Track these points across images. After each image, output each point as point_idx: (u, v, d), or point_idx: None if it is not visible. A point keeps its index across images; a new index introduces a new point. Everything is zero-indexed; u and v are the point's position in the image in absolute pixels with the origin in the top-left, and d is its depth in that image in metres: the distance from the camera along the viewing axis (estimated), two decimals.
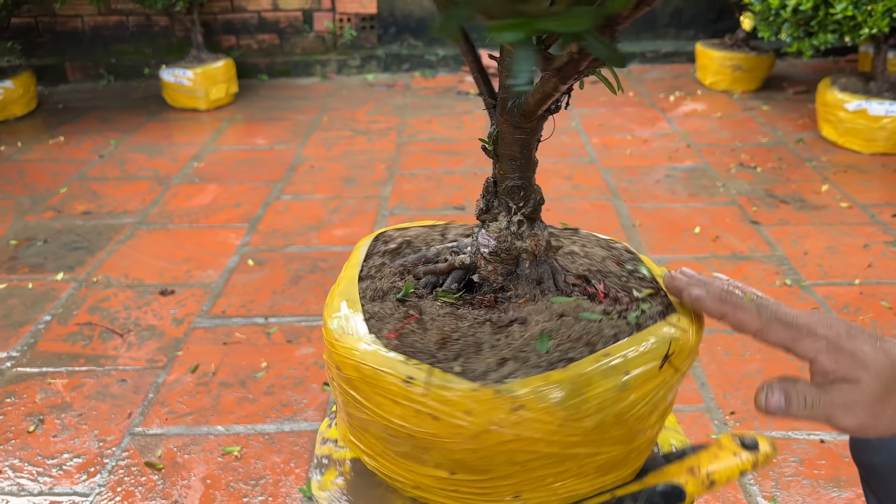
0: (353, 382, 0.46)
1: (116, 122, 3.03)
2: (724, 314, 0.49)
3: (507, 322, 0.48)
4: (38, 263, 1.90)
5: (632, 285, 0.52)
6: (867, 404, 0.47)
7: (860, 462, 0.65)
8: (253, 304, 1.70)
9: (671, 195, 2.20)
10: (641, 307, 0.49)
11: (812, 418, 0.48)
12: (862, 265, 1.79)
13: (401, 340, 0.46)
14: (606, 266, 0.55)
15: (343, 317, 0.48)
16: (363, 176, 2.42)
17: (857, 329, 0.49)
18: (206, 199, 2.27)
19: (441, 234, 0.61)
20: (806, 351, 0.48)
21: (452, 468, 0.45)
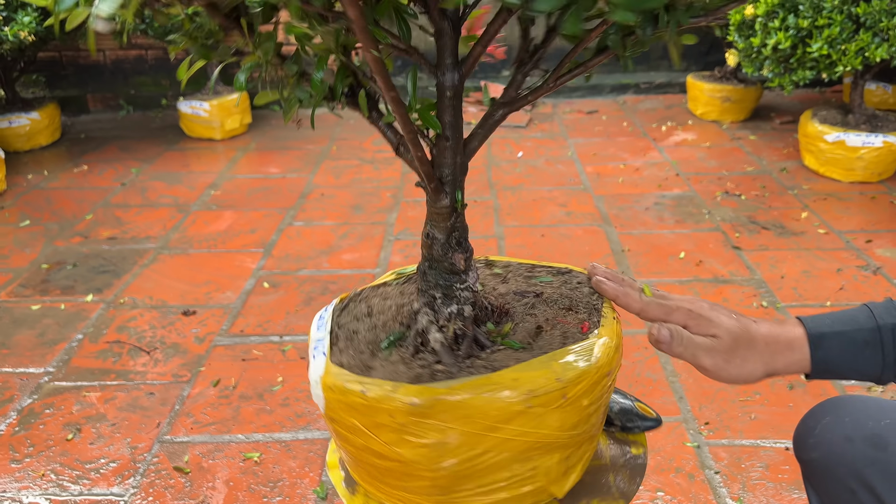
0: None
1: (136, 151, 3.20)
2: (616, 296, 0.69)
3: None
4: (69, 286, 2.05)
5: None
6: (721, 352, 0.66)
7: (800, 459, 0.79)
8: (269, 323, 1.84)
9: (659, 222, 2.35)
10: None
11: (683, 355, 0.66)
12: (834, 288, 1.92)
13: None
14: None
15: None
16: (370, 203, 2.57)
17: (719, 306, 0.69)
18: (224, 226, 2.42)
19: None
20: (676, 321, 0.67)
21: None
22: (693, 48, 3.83)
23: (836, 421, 0.72)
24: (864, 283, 1.94)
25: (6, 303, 1.97)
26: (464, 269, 0.64)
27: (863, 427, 0.70)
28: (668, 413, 1.48)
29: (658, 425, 0.79)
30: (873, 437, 0.68)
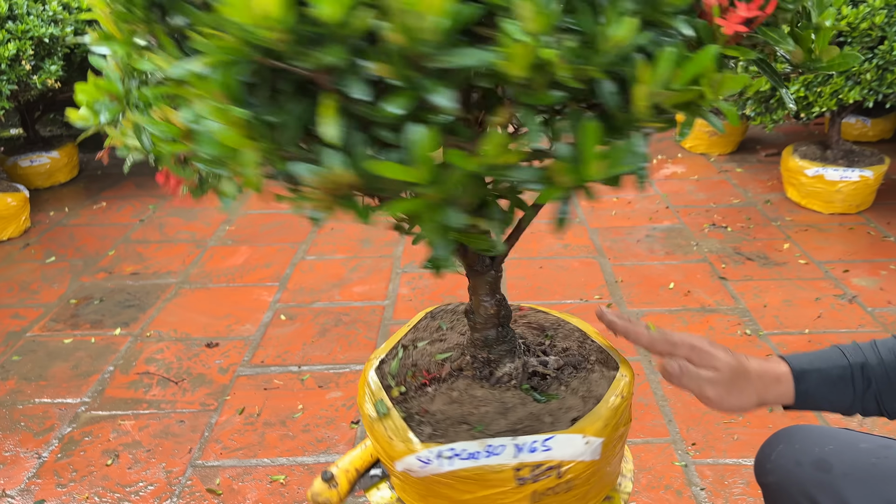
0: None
1: (151, 188, 3.35)
2: (627, 332, 0.82)
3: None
4: (98, 320, 2.19)
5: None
6: (722, 384, 0.79)
7: (760, 482, 0.93)
8: (287, 354, 1.97)
9: (650, 253, 2.49)
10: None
11: (690, 387, 0.79)
12: (812, 316, 2.07)
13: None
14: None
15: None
16: (377, 237, 2.72)
17: (718, 344, 0.82)
18: (240, 260, 2.57)
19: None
20: (681, 354, 0.81)
21: None
22: None
23: (788, 448, 0.86)
24: (841, 312, 2.09)
25: (40, 337, 2.10)
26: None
27: (810, 453, 0.83)
28: (658, 435, 1.61)
29: None
30: (819, 461, 0.82)
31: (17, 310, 2.26)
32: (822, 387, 0.84)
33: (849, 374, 0.84)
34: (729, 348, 0.83)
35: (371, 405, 0.80)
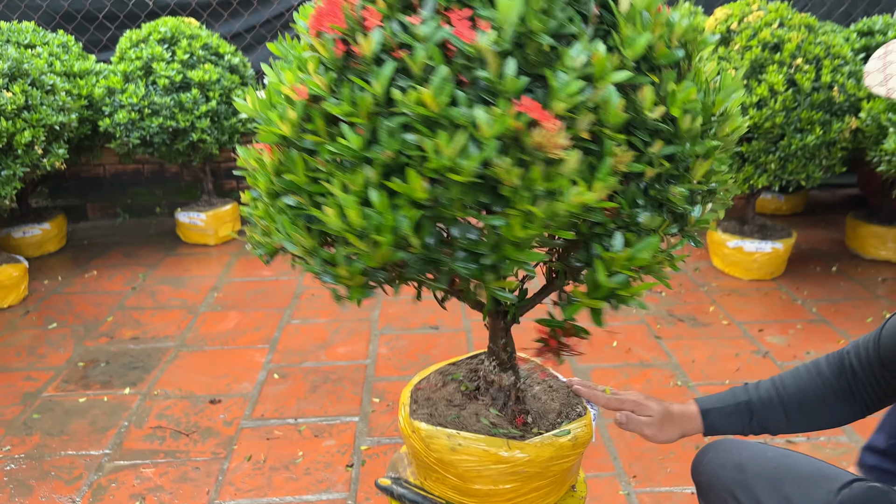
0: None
1: (139, 256, 3.59)
2: (589, 396, 1.22)
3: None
4: (107, 381, 2.42)
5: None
6: (655, 425, 1.18)
7: (695, 480, 1.28)
8: (284, 408, 2.24)
9: (611, 314, 2.86)
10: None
11: (634, 429, 1.19)
12: (732, 369, 2.44)
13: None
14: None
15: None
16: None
17: (651, 397, 1.21)
18: (231, 325, 2.83)
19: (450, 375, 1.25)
20: (627, 408, 1.20)
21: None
22: None
23: (714, 455, 1.20)
24: (756, 366, 2.47)
25: (55, 397, 2.32)
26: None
27: (730, 459, 1.17)
28: (604, 470, 1.94)
29: None
30: (737, 465, 1.16)
31: (28, 372, 2.47)
32: (721, 419, 1.21)
33: (738, 410, 1.21)
34: (659, 399, 1.23)
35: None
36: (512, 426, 1.20)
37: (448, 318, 2.86)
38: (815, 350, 2.57)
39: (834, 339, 2.65)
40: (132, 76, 3.33)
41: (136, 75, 3.33)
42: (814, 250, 3.59)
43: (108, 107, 3.35)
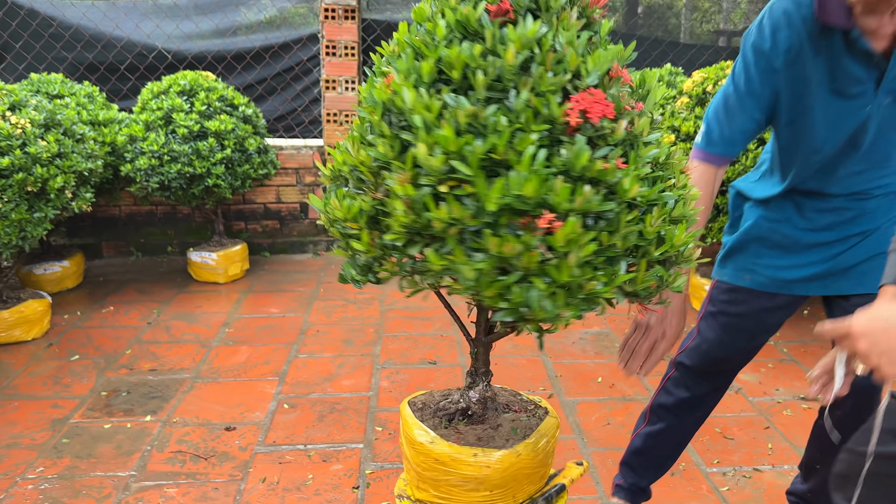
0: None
1: (153, 293, 3.80)
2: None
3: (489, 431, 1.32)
4: (129, 409, 2.61)
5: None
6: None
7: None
8: (293, 435, 2.44)
9: (583, 353, 3.08)
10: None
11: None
12: None
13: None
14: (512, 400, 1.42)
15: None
16: (358, 338, 3.23)
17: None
18: (242, 358, 3.03)
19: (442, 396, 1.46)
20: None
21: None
22: None
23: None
24: (728, 400, 2.68)
25: (82, 423, 2.51)
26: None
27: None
28: (587, 492, 2.13)
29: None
30: None
31: (55, 400, 2.66)
32: None
33: None
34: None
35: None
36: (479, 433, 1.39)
37: (445, 354, 3.07)
38: (784, 387, 2.78)
39: (801, 376, 2.87)
40: (153, 125, 3.59)
41: (157, 124, 3.58)
42: None
43: (129, 153, 3.59)
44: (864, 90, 1.33)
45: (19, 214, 2.84)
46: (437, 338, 3.24)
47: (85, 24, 4.14)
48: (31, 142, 2.87)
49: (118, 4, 4.20)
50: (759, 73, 1.36)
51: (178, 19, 4.27)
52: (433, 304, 3.62)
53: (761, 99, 1.39)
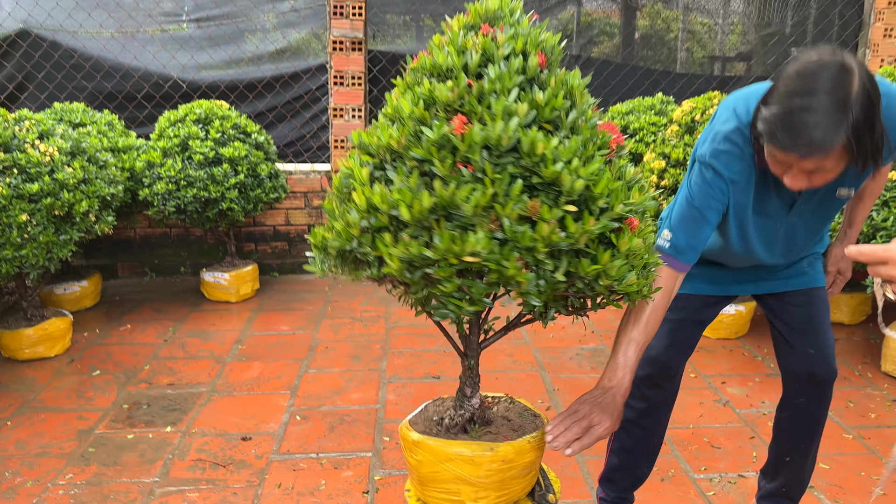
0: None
1: (167, 312, 3.97)
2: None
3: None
4: (150, 420, 2.76)
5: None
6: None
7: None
8: (306, 444, 2.59)
9: (579, 368, 3.23)
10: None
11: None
12: (696, 416, 2.81)
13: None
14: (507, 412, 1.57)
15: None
16: (365, 354, 3.39)
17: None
18: (255, 374, 3.19)
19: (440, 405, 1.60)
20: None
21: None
22: None
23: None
24: (717, 412, 2.83)
25: (106, 434, 2.66)
26: (469, 396, 1.50)
27: None
28: (581, 496, 2.28)
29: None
30: None
31: (80, 413, 2.82)
32: None
33: None
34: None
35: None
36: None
37: (448, 369, 3.22)
38: (770, 400, 2.93)
39: None
40: (170, 151, 3.77)
41: (174, 151, 3.77)
42: None
43: (147, 178, 3.78)
44: (780, 212, 1.62)
45: (47, 237, 3.01)
46: (441, 353, 3.39)
47: (104, 55, 4.35)
48: (58, 168, 3.05)
49: (136, 37, 4.41)
50: (718, 193, 1.53)
51: (193, 50, 4.48)
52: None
53: (718, 212, 1.56)
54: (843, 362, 3.31)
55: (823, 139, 1.25)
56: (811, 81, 1.26)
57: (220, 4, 4.48)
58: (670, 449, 2.56)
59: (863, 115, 1.24)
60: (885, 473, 1.35)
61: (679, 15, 5.34)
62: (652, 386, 1.91)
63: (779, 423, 1.97)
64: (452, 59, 1.28)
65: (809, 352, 1.81)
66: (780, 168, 1.39)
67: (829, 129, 1.24)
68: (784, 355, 1.87)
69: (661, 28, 5.29)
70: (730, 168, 1.51)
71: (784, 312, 1.83)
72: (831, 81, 1.25)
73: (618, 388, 1.47)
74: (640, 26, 5.53)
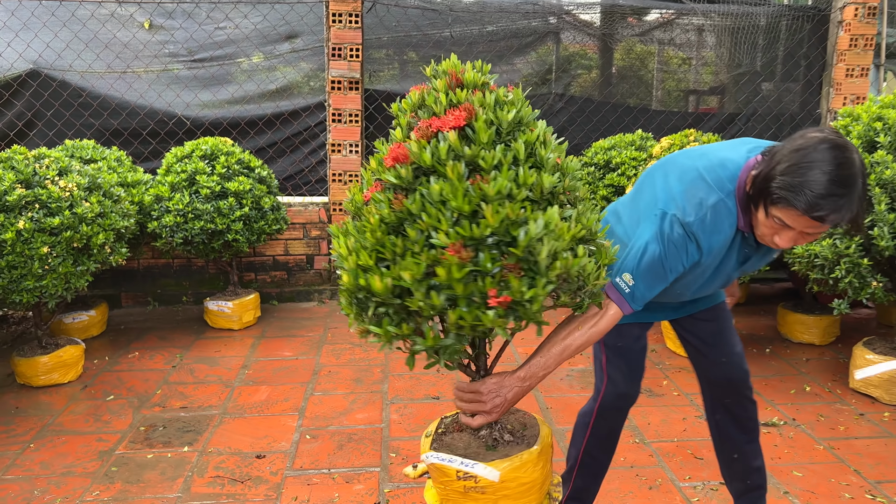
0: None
1: (173, 339, 4.12)
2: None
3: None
4: (167, 441, 2.91)
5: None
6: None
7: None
8: (317, 461, 2.75)
9: (570, 388, 3.44)
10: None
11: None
12: (680, 430, 3.01)
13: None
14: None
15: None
16: (367, 377, 3.57)
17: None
18: (263, 397, 3.35)
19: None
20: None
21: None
22: None
23: None
24: (699, 427, 3.05)
25: (127, 454, 2.81)
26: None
27: None
28: None
29: None
30: None
31: (98, 435, 2.96)
32: None
33: None
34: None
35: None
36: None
37: (446, 390, 3.41)
38: None
39: (763, 406, 3.24)
40: (178, 186, 3.96)
41: (182, 185, 3.96)
42: (752, 335, 4.23)
43: (156, 211, 3.96)
44: (735, 265, 1.80)
45: (66, 268, 3.18)
46: (439, 376, 3.58)
47: (112, 93, 4.55)
48: (77, 203, 3.23)
49: (142, 76, 4.62)
50: (689, 260, 1.68)
51: (197, 89, 4.69)
52: None
53: (678, 273, 1.71)
54: (813, 380, 3.55)
55: (853, 215, 1.49)
56: (852, 165, 1.48)
57: (223, 46, 4.71)
58: (657, 461, 2.76)
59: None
60: None
61: (654, 50, 5.65)
62: (621, 416, 2.14)
63: (717, 426, 2.20)
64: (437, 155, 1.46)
65: (722, 360, 2.07)
66: (774, 229, 1.59)
67: (860, 208, 1.50)
68: (702, 366, 2.13)
69: (637, 64, 5.59)
70: (710, 240, 1.66)
71: (696, 328, 2.09)
72: (861, 166, 1.49)
73: (524, 388, 1.66)
74: (617, 60, 5.84)
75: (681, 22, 5.18)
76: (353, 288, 1.45)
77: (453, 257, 1.35)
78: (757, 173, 1.58)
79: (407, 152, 1.46)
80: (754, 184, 1.59)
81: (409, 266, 1.37)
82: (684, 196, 1.66)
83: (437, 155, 1.44)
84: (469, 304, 1.39)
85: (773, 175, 1.52)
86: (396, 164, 1.47)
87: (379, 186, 1.53)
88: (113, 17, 4.56)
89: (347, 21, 4.49)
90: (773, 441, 2.91)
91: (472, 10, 4.81)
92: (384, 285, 1.39)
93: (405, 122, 1.58)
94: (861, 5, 4.86)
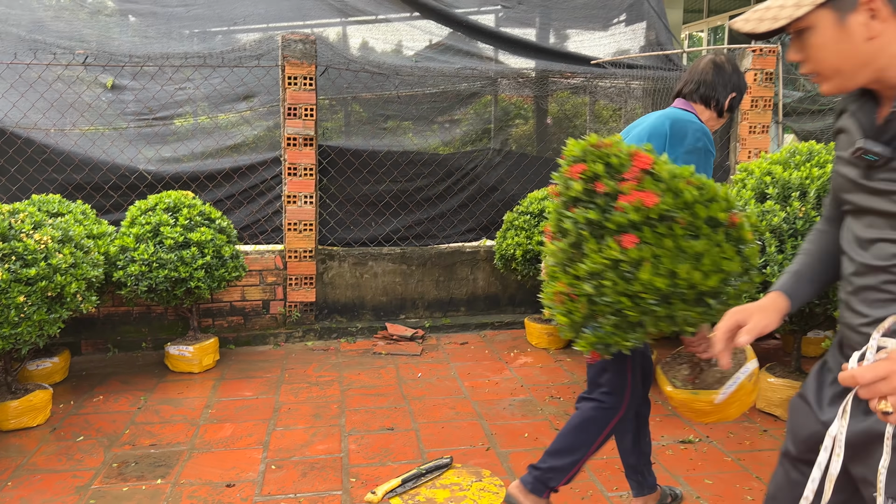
0: None
1: (136, 383, 4.31)
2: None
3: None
4: (140, 475, 3.13)
5: None
6: (762, 323, 1.57)
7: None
8: (284, 488, 3.01)
9: (512, 416, 3.79)
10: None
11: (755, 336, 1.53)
12: (610, 448, 3.38)
13: None
14: None
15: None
16: (325, 413, 3.84)
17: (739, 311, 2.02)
18: (228, 433, 3.59)
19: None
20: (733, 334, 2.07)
21: None
22: (529, 298, 5.59)
23: None
24: None
25: (103, 488, 3.01)
26: None
27: None
28: None
29: None
30: None
31: (73, 472, 3.15)
32: (798, 296, 1.50)
33: (800, 280, 1.53)
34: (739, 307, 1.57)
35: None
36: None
37: (400, 421, 3.71)
38: (667, 434, 3.56)
39: (681, 426, 3.66)
40: (143, 237, 4.21)
41: (147, 236, 4.21)
42: None
43: (121, 261, 4.19)
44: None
45: (40, 315, 3.39)
46: (392, 409, 3.89)
47: (75, 150, 4.79)
48: (51, 255, 3.46)
49: (105, 133, 4.87)
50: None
51: (158, 145, 4.97)
52: (385, 383, 4.27)
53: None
54: None
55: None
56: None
57: (183, 104, 5.02)
58: (588, 475, 3.12)
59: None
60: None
61: (587, 101, 6.20)
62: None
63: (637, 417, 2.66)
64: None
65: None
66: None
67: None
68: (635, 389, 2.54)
69: (571, 116, 6.12)
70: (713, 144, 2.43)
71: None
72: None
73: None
74: (551, 113, 6.36)
75: (603, 84, 5.75)
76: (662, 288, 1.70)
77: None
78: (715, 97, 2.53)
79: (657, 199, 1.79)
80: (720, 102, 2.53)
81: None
82: (675, 131, 2.41)
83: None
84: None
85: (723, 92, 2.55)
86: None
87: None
88: (78, 79, 4.82)
89: (303, 83, 4.88)
90: (689, 455, 3.32)
91: (416, 73, 5.27)
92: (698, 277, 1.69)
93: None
94: (759, 70, 5.52)
